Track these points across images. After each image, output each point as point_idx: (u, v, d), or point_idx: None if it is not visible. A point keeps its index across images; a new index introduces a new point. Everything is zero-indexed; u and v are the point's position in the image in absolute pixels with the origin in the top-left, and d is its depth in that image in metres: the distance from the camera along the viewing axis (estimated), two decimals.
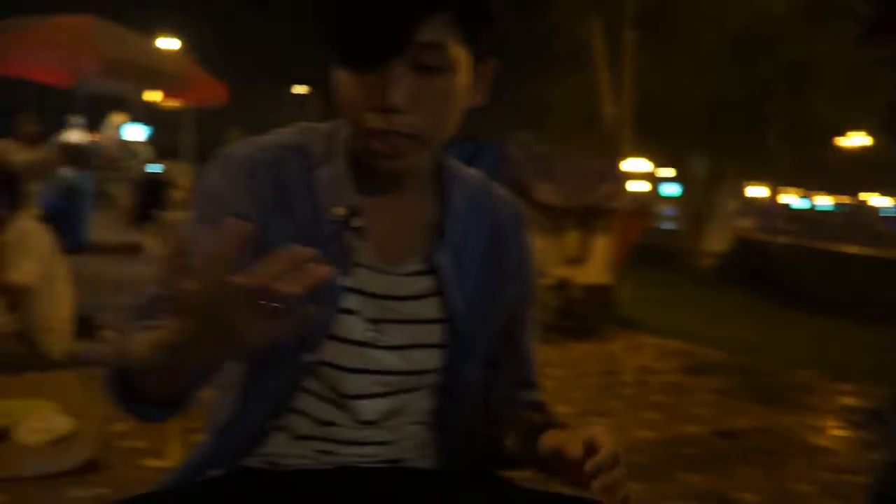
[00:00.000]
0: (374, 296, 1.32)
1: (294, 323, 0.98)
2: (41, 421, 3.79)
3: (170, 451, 3.48)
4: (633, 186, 9.20)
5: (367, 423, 1.34)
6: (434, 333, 1.36)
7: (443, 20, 1.16)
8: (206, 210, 1.27)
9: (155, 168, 13.70)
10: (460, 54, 1.21)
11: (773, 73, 14.41)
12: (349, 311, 1.30)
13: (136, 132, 16.59)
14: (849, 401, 5.95)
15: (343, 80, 1.21)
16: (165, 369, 1.10)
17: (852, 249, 14.65)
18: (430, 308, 1.36)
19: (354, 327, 1.30)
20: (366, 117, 1.21)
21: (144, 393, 1.16)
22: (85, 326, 6.13)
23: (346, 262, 1.30)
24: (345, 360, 1.30)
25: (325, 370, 1.31)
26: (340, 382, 1.31)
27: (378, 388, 1.33)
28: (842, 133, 18.71)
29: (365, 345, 1.31)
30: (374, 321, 1.32)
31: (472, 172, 1.47)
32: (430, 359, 1.36)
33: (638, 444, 4.50)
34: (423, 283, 1.36)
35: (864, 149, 21.76)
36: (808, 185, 63.87)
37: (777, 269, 14.17)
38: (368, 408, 1.33)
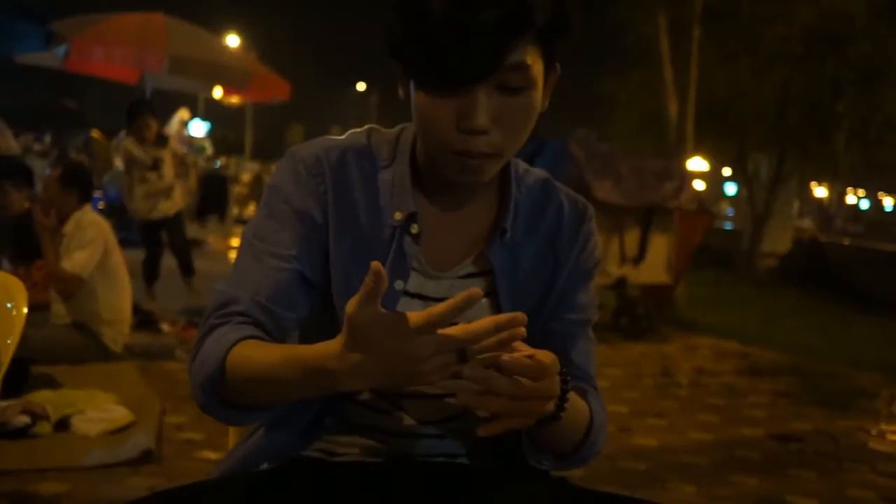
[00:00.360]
0: (428, 299, 1.33)
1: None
2: (100, 412, 3.87)
3: (227, 444, 3.52)
4: (694, 185, 9.12)
5: (423, 423, 1.35)
6: None
7: (527, 40, 1.16)
8: (273, 206, 1.31)
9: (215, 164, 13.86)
10: (539, 69, 1.21)
11: (842, 71, 14.16)
12: None
13: (199, 128, 16.81)
14: None
15: (425, 100, 1.21)
16: (292, 385, 1.12)
17: None
18: (481, 310, 1.35)
19: None
20: (449, 138, 1.21)
21: (244, 399, 1.19)
22: (144, 320, 6.24)
23: (403, 266, 1.32)
24: None
25: None
26: None
27: (431, 389, 1.32)
28: None
29: None
30: None
31: (536, 172, 1.46)
32: None
33: (693, 446, 4.46)
34: (478, 285, 1.33)
35: None
36: (873, 186, 62.69)
37: (837, 270, 13.94)
38: (422, 407, 1.34)
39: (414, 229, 1.32)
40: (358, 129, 1.42)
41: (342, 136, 1.39)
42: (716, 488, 3.85)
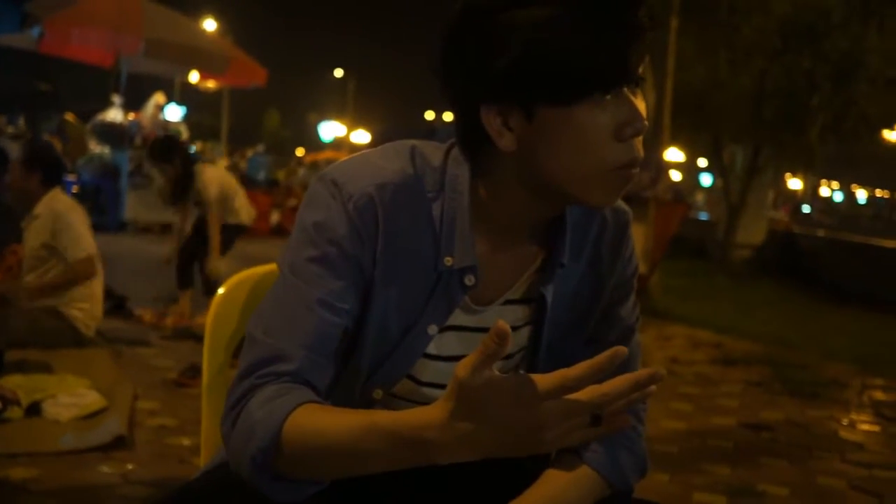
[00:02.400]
0: (465, 329, 1.27)
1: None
2: (71, 397, 3.84)
3: (199, 430, 3.51)
4: (670, 176, 9.17)
5: None
6: (518, 361, 1.33)
7: None
8: (322, 248, 1.16)
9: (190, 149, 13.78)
10: None
11: (818, 64, 14.23)
12: (435, 357, 1.26)
13: (175, 113, 16.70)
14: (881, 396, 5.89)
15: (575, 115, 1.09)
16: (376, 457, 1.00)
17: (889, 244, 14.47)
18: (520, 338, 1.30)
19: (435, 370, 1.27)
20: (610, 152, 1.11)
21: (305, 472, 1.07)
22: (116, 305, 6.21)
23: (444, 311, 1.24)
24: (418, 397, 1.28)
25: (397, 403, 1.28)
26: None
27: None
28: (889, 126, 18.42)
29: (441, 387, 1.26)
30: (460, 357, 1.24)
31: None
32: None
33: (666, 435, 4.48)
34: (521, 314, 1.30)
35: None
36: (847, 179, 63.24)
37: (812, 262, 14.05)
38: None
39: (469, 281, 1.22)
40: (400, 146, 1.26)
41: (384, 157, 1.24)
42: (688, 476, 3.87)
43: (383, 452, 0.99)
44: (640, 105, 1.11)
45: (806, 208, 56.92)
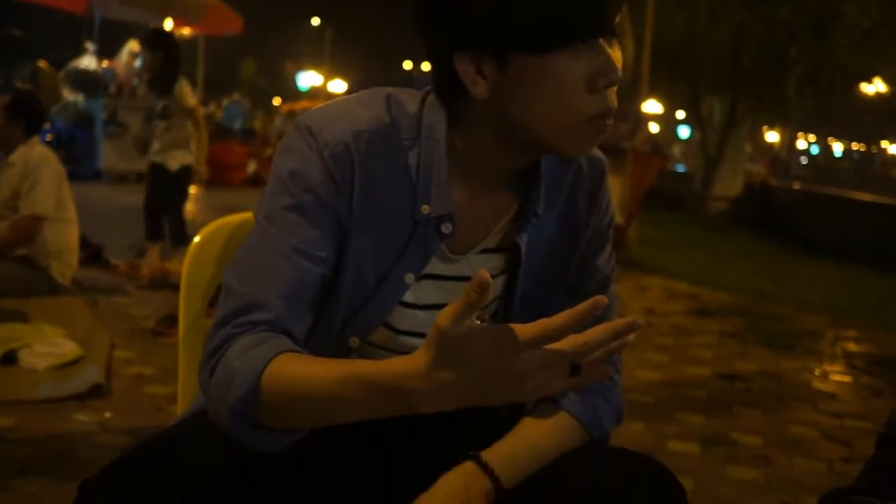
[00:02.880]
0: (441, 278, 1.27)
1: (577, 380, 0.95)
2: (48, 346, 3.83)
3: (175, 379, 3.51)
4: (648, 128, 9.18)
5: None
6: (493, 309, 1.32)
7: None
8: (298, 196, 1.16)
9: None
10: None
11: (797, 15, 14.21)
12: (412, 305, 1.26)
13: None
14: (853, 347, 5.96)
15: (549, 64, 1.09)
16: (356, 406, 1.00)
17: (864, 196, 14.57)
18: (496, 287, 1.29)
19: (412, 318, 1.26)
20: (584, 102, 1.11)
21: (284, 421, 1.07)
22: (92, 254, 6.17)
23: (420, 260, 1.23)
24: (395, 345, 1.28)
25: (374, 351, 1.28)
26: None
27: None
28: (866, 79, 18.45)
29: (420, 335, 1.26)
30: (437, 307, 1.24)
31: None
32: None
33: (641, 385, 4.52)
34: (497, 262, 1.29)
35: (880, 96, 21.58)
36: (824, 132, 63.47)
37: (787, 214, 14.15)
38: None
39: (445, 229, 1.21)
40: (375, 93, 1.25)
41: (359, 104, 1.23)
42: (662, 425, 3.91)
43: (363, 401, 0.99)
44: (616, 56, 1.11)
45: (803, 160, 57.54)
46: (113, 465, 1.05)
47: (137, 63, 14.16)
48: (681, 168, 24.22)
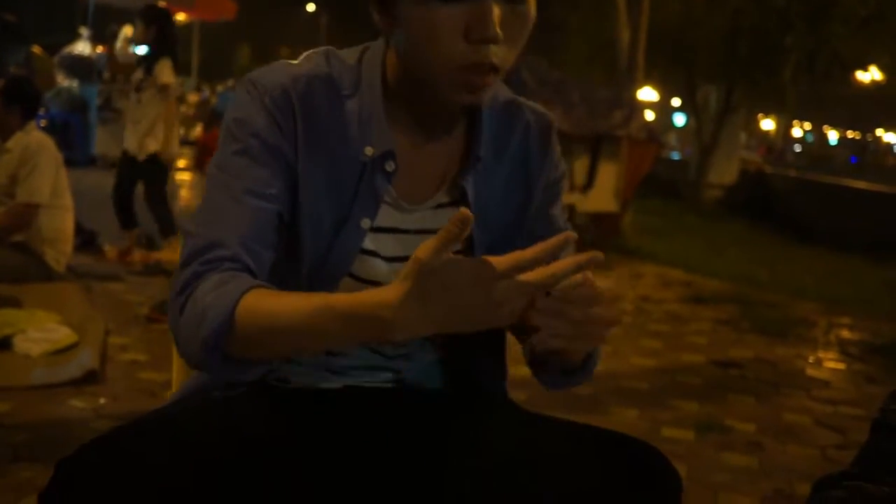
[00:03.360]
0: (401, 231, 1.30)
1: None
2: (42, 332, 3.82)
3: (170, 365, 3.51)
4: (644, 115, 9.18)
5: (378, 352, 1.34)
6: None
7: None
8: (244, 141, 1.21)
9: None
10: None
11: (792, 2, 14.19)
12: (372, 253, 1.28)
13: (144, 47, 16.43)
14: (847, 334, 5.97)
15: (426, 12, 1.14)
16: (328, 336, 1.04)
17: (859, 184, 14.58)
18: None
19: (376, 269, 1.28)
20: (457, 51, 1.15)
21: (256, 353, 1.10)
22: (87, 241, 6.16)
23: (372, 204, 1.27)
24: None
25: None
26: None
27: None
28: (861, 67, 18.44)
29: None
30: (401, 259, 1.28)
31: (501, 91, 1.40)
32: None
33: (636, 372, 4.53)
34: (451, 216, 1.32)
35: (876, 84, 21.58)
36: (819, 119, 63.47)
37: (782, 202, 14.15)
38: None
39: (389, 167, 1.26)
40: (314, 51, 1.32)
41: (299, 61, 1.30)
42: (657, 412, 3.92)
43: (337, 331, 1.03)
44: (496, 11, 1.14)
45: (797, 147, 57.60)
46: (91, 443, 1.07)
47: (131, 49, 14.12)
48: (676, 155, 24.23)
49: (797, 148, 58.86)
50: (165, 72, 6.04)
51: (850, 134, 68.60)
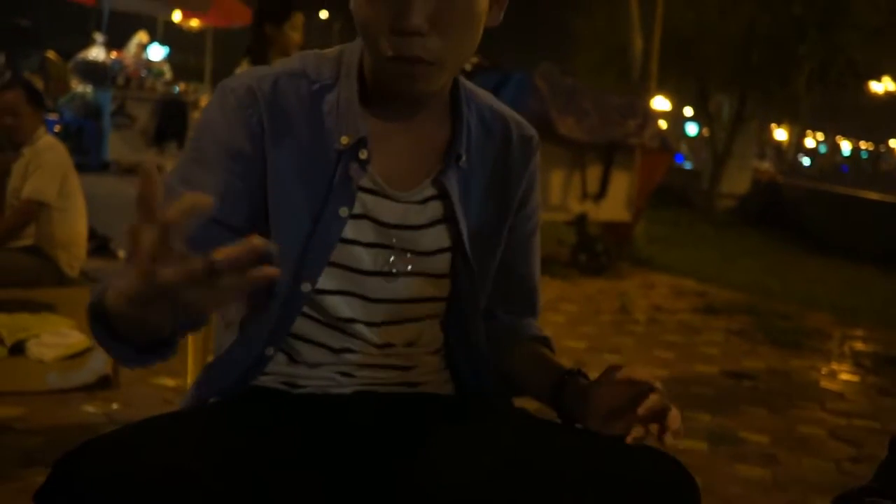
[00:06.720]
0: (383, 224, 1.31)
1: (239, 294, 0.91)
2: (56, 336, 3.83)
3: (185, 370, 3.51)
4: (657, 124, 9.15)
5: (382, 347, 1.34)
6: (442, 262, 1.35)
7: None
8: (200, 147, 1.25)
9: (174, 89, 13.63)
10: None
11: (807, 12, 14.17)
12: (353, 241, 1.29)
13: (158, 52, 16.50)
14: (860, 346, 5.95)
15: (359, 6, 1.20)
16: (130, 318, 1.02)
17: (872, 195, 14.53)
18: (439, 236, 1.35)
19: (358, 256, 1.30)
20: (383, 42, 1.18)
21: (121, 335, 1.10)
22: (100, 245, 6.18)
23: (348, 192, 1.28)
24: (347, 286, 1.30)
25: (324, 298, 1.30)
26: (338, 308, 1.31)
27: (381, 316, 1.32)
28: (875, 77, 18.42)
29: (368, 273, 1.31)
30: (382, 246, 1.31)
31: (487, 95, 1.43)
32: (436, 288, 1.36)
33: None
34: (433, 210, 1.34)
35: (889, 94, 21.53)
36: (832, 130, 63.32)
37: (795, 212, 14.11)
38: (372, 334, 1.33)
39: (363, 155, 1.27)
40: (290, 58, 1.36)
41: (274, 65, 1.33)
42: None
43: (127, 312, 0.99)
44: (420, 3, 1.15)
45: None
46: (87, 444, 1.06)
47: (145, 55, 14.17)
48: (688, 165, 24.19)
49: (806, 161, 58.70)
50: None
51: (863, 144, 68.41)
